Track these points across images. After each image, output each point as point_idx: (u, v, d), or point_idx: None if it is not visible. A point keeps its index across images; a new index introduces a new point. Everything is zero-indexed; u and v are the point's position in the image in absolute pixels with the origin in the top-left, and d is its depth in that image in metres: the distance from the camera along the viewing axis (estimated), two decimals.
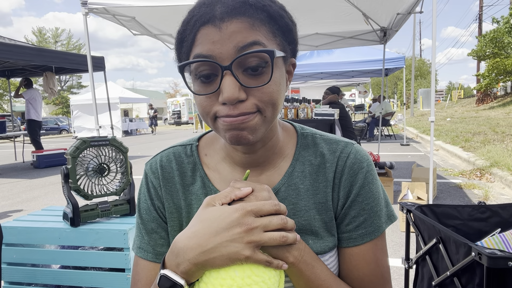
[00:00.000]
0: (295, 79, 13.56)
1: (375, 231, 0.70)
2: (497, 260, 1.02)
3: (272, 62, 0.58)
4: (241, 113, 0.59)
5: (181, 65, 0.61)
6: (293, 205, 0.70)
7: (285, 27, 0.63)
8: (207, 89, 0.61)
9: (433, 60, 3.42)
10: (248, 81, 0.59)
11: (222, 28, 0.57)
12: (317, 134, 0.77)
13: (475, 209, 1.58)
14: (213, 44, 0.57)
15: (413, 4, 4.46)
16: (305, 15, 4.91)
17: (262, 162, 0.73)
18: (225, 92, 0.57)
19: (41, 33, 38.63)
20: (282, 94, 0.64)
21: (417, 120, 17.76)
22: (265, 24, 0.60)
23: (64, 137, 22.55)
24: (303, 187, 0.71)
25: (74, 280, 1.71)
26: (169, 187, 0.75)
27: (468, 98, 29.43)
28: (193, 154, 0.77)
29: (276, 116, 0.65)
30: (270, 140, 0.71)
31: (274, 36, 0.61)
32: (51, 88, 8.67)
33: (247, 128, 0.60)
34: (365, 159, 0.73)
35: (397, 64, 9.57)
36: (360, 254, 0.70)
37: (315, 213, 0.70)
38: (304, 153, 0.74)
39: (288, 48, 0.65)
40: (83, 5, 3.99)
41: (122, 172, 1.81)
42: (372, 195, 0.71)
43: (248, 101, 0.59)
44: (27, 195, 5.75)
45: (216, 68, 0.58)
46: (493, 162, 5.88)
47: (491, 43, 18.42)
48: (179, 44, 0.64)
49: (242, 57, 0.57)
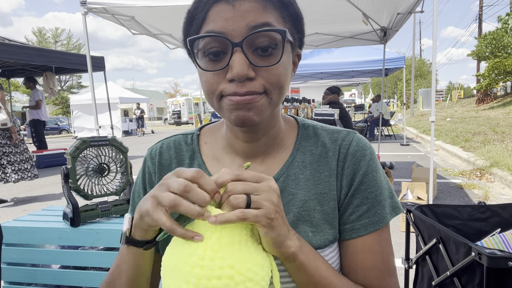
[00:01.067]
0: (295, 79, 13.55)
1: (379, 221, 0.67)
2: (497, 260, 1.02)
3: (283, 43, 0.59)
4: (248, 92, 0.59)
5: (191, 39, 0.60)
6: (292, 195, 0.69)
7: (295, 15, 0.64)
8: (215, 66, 0.60)
9: (433, 60, 3.42)
10: (258, 60, 0.59)
11: (235, 5, 0.57)
12: (318, 125, 0.77)
13: (475, 209, 1.58)
14: (226, 21, 0.58)
15: (413, 3, 4.46)
16: (305, 15, 4.90)
17: (263, 152, 0.72)
18: (235, 68, 0.57)
19: (41, 33, 38.67)
20: (288, 78, 0.64)
21: (417, 120, 17.76)
22: (276, 9, 0.60)
23: (64, 137, 22.54)
24: (303, 177, 0.70)
25: (74, 280, 1.71)
26: (164, 173, 0.74)
27: (468, 98, 29.42)
28: (193, 142, 0.77)
29: (281, 100, 0.64)
30: (272, 129, 0.70)
31: (284, 22, 0.62)
32: (51, 88, 8.68)
33: (253, 109, 0.60)
34: (367, 147, 0.72)
35: (397, 64, 9.57)
36: (364, 245, 0.67)
37: (315, 203, 0.68)
38: (305, 144, 0.73)
39: (297, 37, 0.66)
40: (82, 4, 3.99)
41: (122, 172, 1.81)
42: (376, 184, 0.69)
43: (256, 80, 0.59)
44: (27, 195, 5.75)
45: (227, 45, 0.58)
46: (493, 162, 5.88)
47: (491, 44, 18.41)
48: (188, 22, 0.63)
49: (253, 36, 0.57)
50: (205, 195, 0.51)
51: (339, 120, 4.82)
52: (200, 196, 0.50)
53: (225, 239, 0.50)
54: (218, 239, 0.50)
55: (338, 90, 5.95)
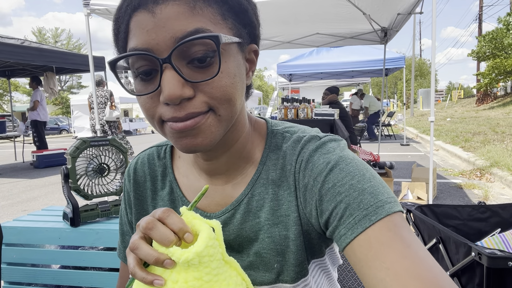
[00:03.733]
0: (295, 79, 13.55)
1: (369, 214, 0.48)
2: (497, 260, 1.02)
3: (218, 50, 0.48)
4: (189, 114, 0.49)
5: (111, 62, 0.51)
6: (258, 218, 0.60)
7: (238, 7, 0.53)
8: (148, 87, 0.51)
9: (433, 60, 3.42)
10: (194, 74, 0.49)
11: (156, 12, 0.47)
12: (289, 130, 0.65)
13: (475, 209, 1.58)
14: (148, 34, 0.48)
15: (413, 4, 4.46)
16: (306, 15, 4.91)
17: (228, 170, 0.63)
18: (166, 89, 0.47)
19: (41, 33, 38.65)
20: (239, 87, 0.53)
21: (417, 120, 17.76)
22: (210, 5, 0.49)
23: (64, 137, 22.55)
24: (268, 197, 0.60)
25: (74, 280, 1.71)
26: (139, 192, 0.71)
27: (468, 98, 29.42)
28: (165, 156, 0.71)
29: (234, 114, 0.54)
30: (234, 143, 0.61)
31: (223, 19, 0.51)
32: (51, 88, 8.68)
33: (200, 133, 0.51)
34: (332, 147, 0.57)
35: (397, 64, 9.58)
36: (364, 245, 0.48)
37: (281, 228, 0.59)
38: (272, 156, 0.62)
39: (244, 32, 0.55)
40: (85, 5, 3.99)
41: (122, 172, 1.81)
42: (348, 173, 0.53)
43: (196, 98, 0.50)
44: (27, 195, 5.75)
45: (155, 63, 0.49)
46: (493, 162, 5.88)
47: (491, 43, 18.42)
48: (115, 36, 0.54)
49: (184, 47, 0.47)
50: (168, 234, 0.45)
51: (339, 120, 4.82)
52: (164, 235, 0.45)
53: (193, 281, 0.44)
54: (185, 282, 0.44)
55: (338, 90, 5.97)
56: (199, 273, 0.45)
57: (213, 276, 0.46)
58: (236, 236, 0.62)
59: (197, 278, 0.45)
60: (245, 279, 0.51)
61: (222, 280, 0.47)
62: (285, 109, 4.61)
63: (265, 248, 0.60)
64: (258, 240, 0.61)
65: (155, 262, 0.44)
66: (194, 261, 0.44)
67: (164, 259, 0.44)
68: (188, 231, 0.46)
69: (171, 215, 0.46)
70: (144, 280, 0.45)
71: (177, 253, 0.44)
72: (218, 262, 0.46)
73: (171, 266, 0.44)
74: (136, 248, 0.46)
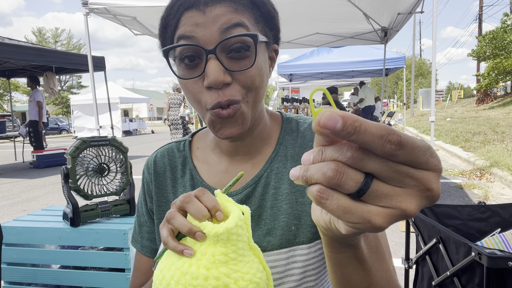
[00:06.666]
0: (295, 79, 13.57)
1: None
2: (497, 260, 1.02)
3: (255, 46, 0.59)
4: (229, 101, 0.59)
5: (165, 49, 0.61)
6: (275, 189, 0.69)
7: (267, 13, 0.65)
8: (192, 73, 0.61)
9: (433, 60, 3.42)
10: (232, 64, 0.60)
11: (206, 12, 0.58)
12: (302, 118, 0.77)
13: (475, 209, 1.58)
14: (197, 26, 0.58)
15: (413, 4, 4.46)
16: (306, 15, 4.91)
17: (249, 150, 0.73)
18: (210, 76, 0.58)
19: (40, 33, 38.65)
20: (264, 78, 0.64)
21: (417, 120, 17.76)
22: (248, 10, 0.61)
23: (64, 137, 22.55)
24: (286, 170, 0.70)
25: (74, 280, 1.71)
26: (159, 181, 0.78)
27: (468, 98, 29.42)
28: (185, 148, 0.79)
29: (259, 101, 0.65)
30: (257, 127, 0.71)
31: (256, 22, 0.63)
32: (51, 88, 8.68)
33: (237, 121, 0.61)
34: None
35: (397, 64, 9.59)
36: None
37: (298, 196, 0.68)
38: (288, 137, 0.74)
39: (270, 34, 0.67)
40: (84, 5, 3.99)
41: (122, 172, 1.81)
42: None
43: (233, 85, 0.60)
44: (27, 195, 5.75)
45: (200, 52, 0.59)
46: (493, 162, 5.88)
47: (491, 43, 18.41)
48: (163, 29, 0.64)
49: (226, 40, 0.58)
50: (202, 209, 0.49)
51: None
52: (198, 209, 0.49)
53: (220, 255, 0.47)
54: (212, 255, 0.47)
55: (337, 90, 5.98)
56: (226, 249, 0.48)
57: (238, 255, 0.48)
58: (257, 207, 0.69)
59: (223, 253, 0.47)
60: (266, 268, 0.53)
61: (245, 262, 0.49)
62: (285, 109, 4.61)
63: (283, 214, 0.67)
64: (276, 207, 0.68)
65: (188, 232, 0.48)
66: (223, 236, 0.47)
67: (197, 230, 0.48)
68: (220, 209, 0.50)
69: (206, 193, 0.51)
70: (175, 249, 0.49)
71: (208, 227, 0.48)
72: (244, 243, 0.49)
73: (202, 239, 0.48)
74: (172, 218, 0.50)
